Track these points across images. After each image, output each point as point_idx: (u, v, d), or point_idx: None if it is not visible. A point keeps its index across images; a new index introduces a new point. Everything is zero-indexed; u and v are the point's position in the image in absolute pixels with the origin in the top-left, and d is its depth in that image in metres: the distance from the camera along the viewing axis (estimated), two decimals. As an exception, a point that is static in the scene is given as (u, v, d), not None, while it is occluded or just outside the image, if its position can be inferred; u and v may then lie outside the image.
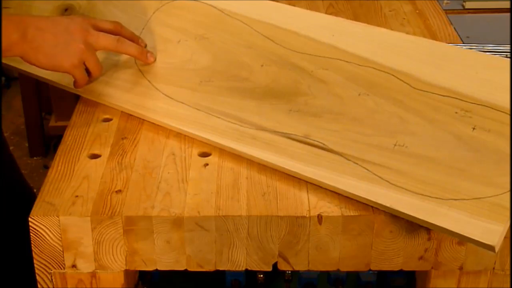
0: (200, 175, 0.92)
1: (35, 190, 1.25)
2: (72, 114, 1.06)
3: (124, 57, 1.11)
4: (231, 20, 1.13)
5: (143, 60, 1.09)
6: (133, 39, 1.08)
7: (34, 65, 0.99)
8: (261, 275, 1.26)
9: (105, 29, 1.04)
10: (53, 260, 0.89)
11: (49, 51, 0.98)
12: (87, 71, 1.03)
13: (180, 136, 1.00)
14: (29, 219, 0.86)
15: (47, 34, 0.97)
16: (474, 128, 0.90)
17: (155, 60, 1.10)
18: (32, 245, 0.88)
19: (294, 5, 1.18)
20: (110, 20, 1.08)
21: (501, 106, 0.91)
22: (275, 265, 0.89)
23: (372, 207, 0.86)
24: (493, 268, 0.89)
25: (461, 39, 1.24)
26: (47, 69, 1.00)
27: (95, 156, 0.96)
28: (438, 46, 1.04)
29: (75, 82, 1.03)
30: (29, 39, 0.96)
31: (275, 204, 0.87)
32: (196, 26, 1.14)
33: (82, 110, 1.07)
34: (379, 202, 0.85)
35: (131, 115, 1.04)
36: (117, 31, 1.05)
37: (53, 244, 0.88)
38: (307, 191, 0.89)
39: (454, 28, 1.28)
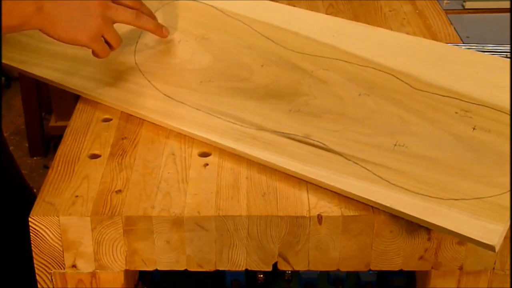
0: (200, 175, 0.92)
1: (35, 190, 1.25)
2: (72, 114, 1.06)
3: (125, 57, 1.11)
4: (231, 20, 1.13)
5: (159, 34, 1.10)
6: (151, 16, 1.09)
7: (53, 38, 0.99)
8: (261, 275, 1.26)
9: (124, 3, 1.04)
10: (53, 260, 0.89)
11: (66, 25, 0.97)
12: (107, 43, 1.03)
13: (180, 136, 1.00)
14: (29, 219, 0.86)
15: (63, 8, 0.97)
16: (474, 128, 0.90)
17: (168, 34, 1.12)
18: (32, 245, 0.88)
19: (294, 5, 1.18)
20: None
21: (501, 106, 0.91)
22: (275, 265, 0.89)
23: (372, 207, 0.86)
24: (493, 268, 0.89)
25: (461, 39, 1.24)
26: (65, 43, 0.99)
27: (95, 156, 0.96)
28: (438, 46, 1.04)
29: (95, 55, 1.03)
30: (46, 12, 0.95)
31: (275, 204, 0.87)
32: (196, 26, 1.14)
33: (82, 110, 1.07)
34: (379, 202, 0.85)
35: (131, 115, 1.04)
36: (137, 7, 1.05)
37: (53, 244, 0.88)
38: (307, 191, 0.89)
39: (454, 28, 1.28)
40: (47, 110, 2.46)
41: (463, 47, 1.17)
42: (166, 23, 1.15)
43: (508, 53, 1.15)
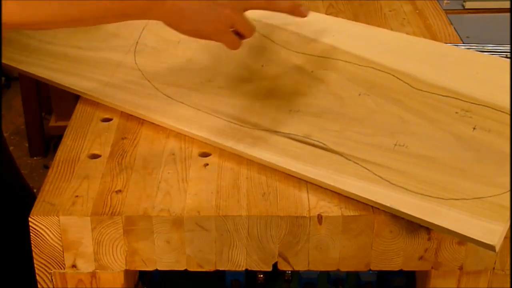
0: (200, 175, 0.92)
1: (35, 190, 1.25)
2: (72, 114, 1.06)
3: (125, 57, 1.11)
4: (231, 20, 1.13)
5: (299, 14, 0.98)
6: None
7: (176, 30, 0.92)
8: (261, 275, 1.26)
9: None
10: (53, 260, 0.89)
11: (192, 17, 0.90)
12: (238, 33, 0.95)
13: (180, 136, 1.00)
14: (29, 219, 0.86)
15: None
16: (474, 128, 0.90)
17: (308, 13, 0.98)
18: (32, 245, 0.88)
19: (294, 5, 1.18)
20: None
21: (501, 106, 0.91)
22: (275, 265, 0.89)
23: (372, 207, 0.86)
24: (493, 268, 0.89)
25: (461, 39, 1.24)
26: (190, 36, 0.93)
27: (95, 156, 0.96)
28: (438, 46, 1.04)
29: (228, 46, 0.95)
30: (170, 2, 0.88)
31: (275, 204, 0.87)
32: (196, 26, 1.14)
33: (82, 110, 1.07)
34: (379, 201, 0.85)
35: (131, 115, 1.04)
36: None
37: (53, 244, 0.88)
38: (307, 191, 0.89)
39: (454, 28, 1.28)
40: (47, 110, 2.46)
41: (463, 47, 1.17)
42: (166, 23, 1.15)
43: (508, 53, 1.15)
